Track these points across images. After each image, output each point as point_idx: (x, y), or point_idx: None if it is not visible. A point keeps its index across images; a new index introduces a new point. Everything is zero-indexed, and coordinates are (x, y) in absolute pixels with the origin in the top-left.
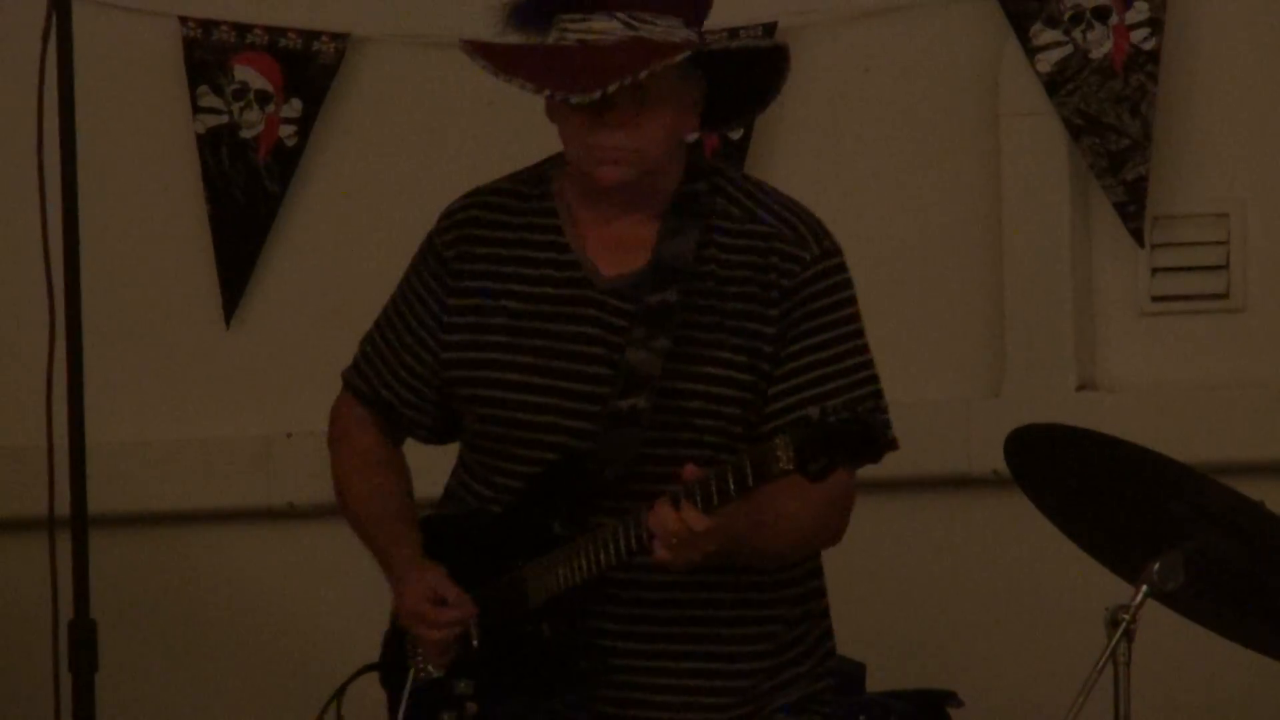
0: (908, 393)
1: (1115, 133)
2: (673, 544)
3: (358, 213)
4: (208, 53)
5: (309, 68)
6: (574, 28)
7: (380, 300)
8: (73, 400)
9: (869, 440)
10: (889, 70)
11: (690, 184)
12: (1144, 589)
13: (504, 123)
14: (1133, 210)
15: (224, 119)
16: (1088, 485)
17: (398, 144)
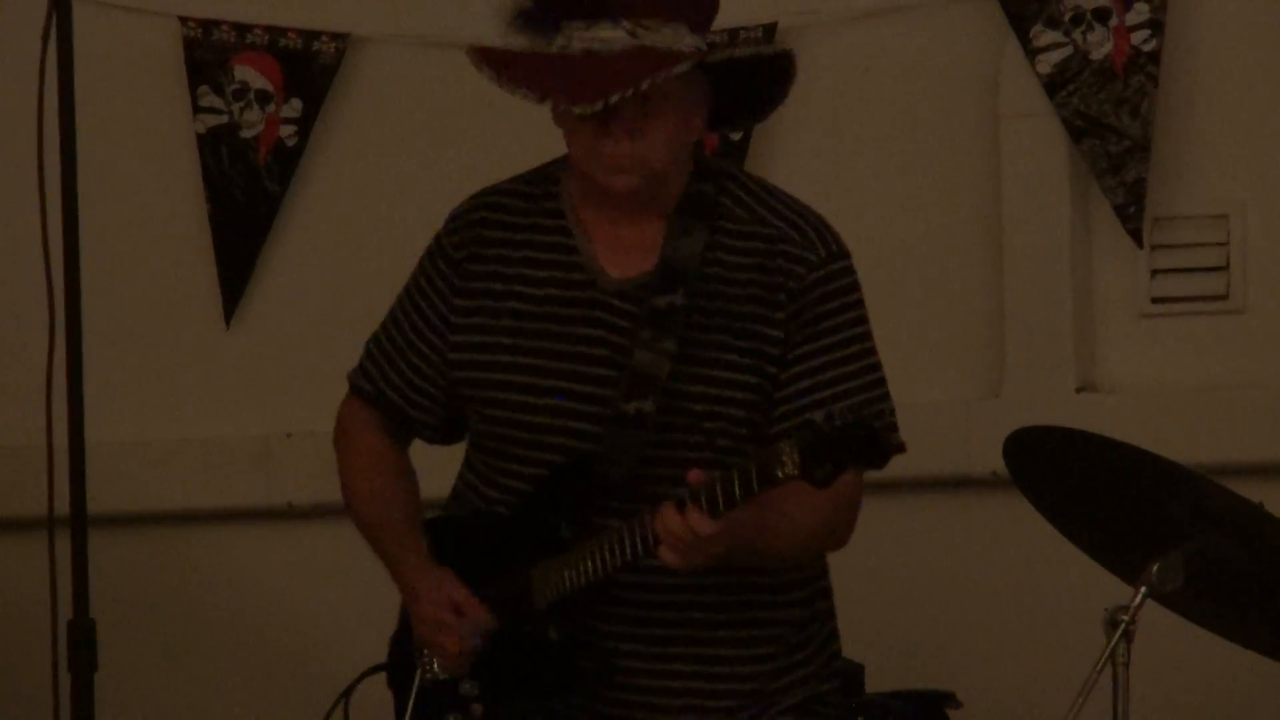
0: (907, 393)
1: (1115, 134)
2: (678, 548)
3: (358, 213)
4: (208, 52)
5: (309, 68)
6: (580, 35)
7: (380, 300)
8: (73, 400)
9: (874, 444)
10: (889, 70)
11: (697, 185)
12: (1143, 590)
13: (504, 123)
14: (1132, 211)
15: (224, 119)
16: (1087, 486)
17: (398, 144)
